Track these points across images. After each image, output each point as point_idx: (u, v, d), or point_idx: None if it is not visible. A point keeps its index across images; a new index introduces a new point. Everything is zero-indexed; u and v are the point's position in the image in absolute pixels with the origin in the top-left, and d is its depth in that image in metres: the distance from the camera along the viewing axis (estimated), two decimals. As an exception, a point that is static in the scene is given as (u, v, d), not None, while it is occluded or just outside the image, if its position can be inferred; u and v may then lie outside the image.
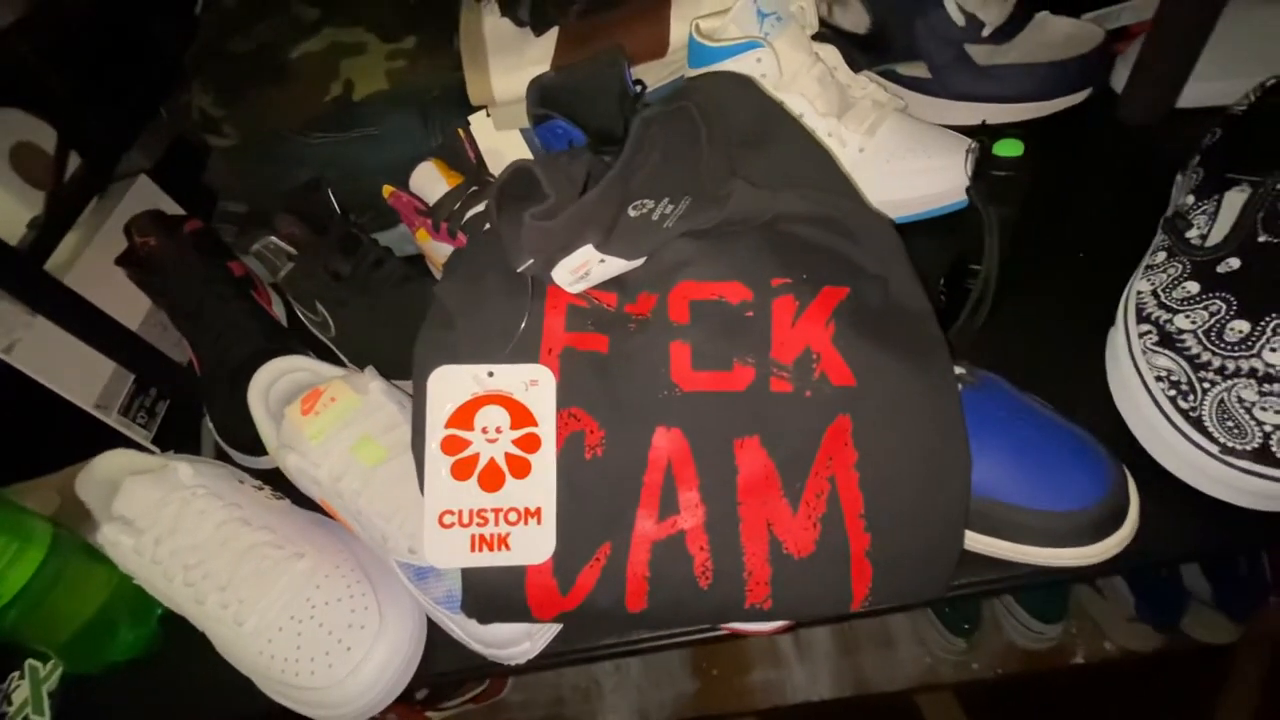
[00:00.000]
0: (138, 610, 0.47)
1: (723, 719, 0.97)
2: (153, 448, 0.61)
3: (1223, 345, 0.37)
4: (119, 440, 0.59)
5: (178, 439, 0.62)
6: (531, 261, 0.33)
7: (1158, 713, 0.86)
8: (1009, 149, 0.38)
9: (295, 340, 0.61)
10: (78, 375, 0.57)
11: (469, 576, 0.34)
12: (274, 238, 0.57)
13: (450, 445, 0.34)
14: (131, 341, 0.60)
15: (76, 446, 0.57)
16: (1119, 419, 0.41)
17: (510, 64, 0.59)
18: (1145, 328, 0.40)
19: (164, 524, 0.41)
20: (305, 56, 0.59)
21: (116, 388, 0.60)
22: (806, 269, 0.35)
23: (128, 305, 0.62)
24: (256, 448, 0.55)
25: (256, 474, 0.50)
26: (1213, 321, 0.38)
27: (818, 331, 0.34)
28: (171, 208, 0.69)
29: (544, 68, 0.58)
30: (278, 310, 0.67)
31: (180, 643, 0.45)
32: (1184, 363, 0.37)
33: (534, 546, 0.33)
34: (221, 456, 0.58)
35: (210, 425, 0.59)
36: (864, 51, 0.62)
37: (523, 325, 0.35)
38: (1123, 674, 0.88)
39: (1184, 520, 0.37)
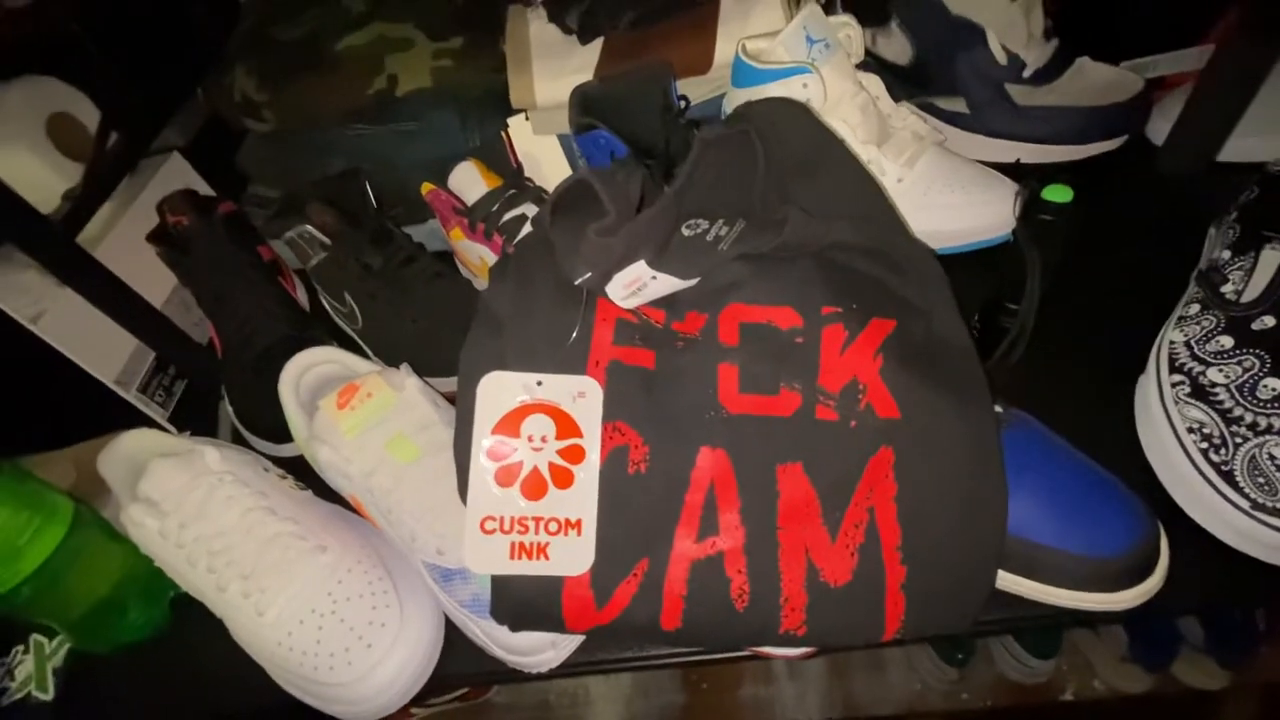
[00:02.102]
0: (150, 591, 0.47)
1: (714, 735, 0.97)
2: (169, 427, 0.60)
3: (1255, 401, 0.37)
4: (134, 416, 0.59)
5: (194, 420, 0.61)
6: (589, 275, 0.34)
7: (1142, 754, 0.87)
8: (1058, 195, 0.38)
9: (321, 329, 0.61)
10: (100, 350, 0.57)
11: (502, 583, 0.34)
12: (309, 226, 0.57)
13: (495, 452, 0.34)
14: (155, 319, 0.60)
15: (92, 421, 0.57)
16: (1145, 465, 0.41)
17: (554, 70, 0.60)
18: (1178, 378, 0.41)
19: (190, 508, 0.41)
20: (351, 49, 0.60)
21: (136, 365, 0.60)
22: (856, 299, 0.36)
23: (152, 283, 0.61)
24: (277, 435, 0.55)
25: (275, 462, 0.50)
26: (1246, 377, 0.38)
27: (865, 363, 0.34)
28: (202, 187, 0.69)
29: (587, 76, 0.59)
30: (301, 297, 0.67)
31: (191, 627, 0.45)
32: (1217, 416, 0.38)
33: (573, 557, 0.33)
34: (237, 440, 0.58)
35: (229, 409, 0.59)
36: (904, 83, 0.63)
37: (573, 336, 0.35)
38: (1111, 713, 0.89)
39: (1207, 571, 0.37)
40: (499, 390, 0.34)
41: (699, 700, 0.99)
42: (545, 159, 0.64)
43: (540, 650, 0.37)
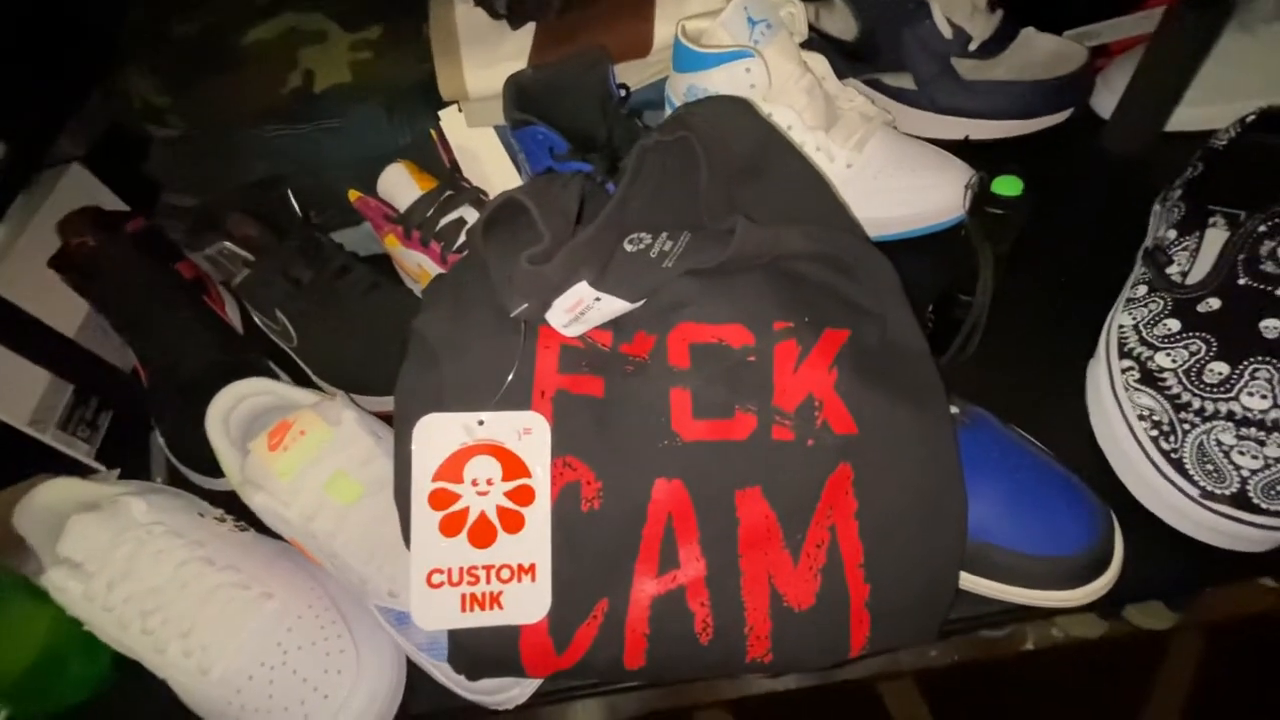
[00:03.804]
0: (89, 649, 0.44)
1: (692, 710, 0.98)
2: (96, 464, 0.56)
3: (1202, 386, 0.38)
4: (57, 455, 0.55)
5: (125, 453, 0.58)
6: (526, 306, 0.32)
7: (1102, 693, 0.92)
8: (1008, 188, 0.37)
9: (253, 350, 0.57)
10: (8, 389, 0.52)
11: (457, 635, 0.33)
12: (228, 243, 0.53)
13: (438, 499, 0.32)
14: (68, 350, 0.55)
15: (10, 464, 0.53)
16: (1098, 451, 0.42)
17: (485, 58, 0.56)
18: (1127, 364, 0.41)
19: (117, 567, 0.38)
20: (260, 43, 0.55)
21: (53, 400, 0.55)
22: (808, 310, 0.34)
23: (63, 307, 0.57)
24: (214, 469, 0.52)
25: (216, 496, 0.47)
26: (1193, 361, 0.38)
27: (820, 378, 0.33)
28: (108, 199, 0.64)
29: (520, 63, 0.55)
30: (232, 314, 0.63)
31: (139, 681, 0.42)
32: (1165, 402, 0.38)
33: (528, 605, 0.32)
34: (172, 474, 0.55)
35: (161, 441, 0.55)
36: (850, 59, 0.61)
37: (515, 367, 0.33)
38: (1070, 658, 0.93)
39: (1161, 558, 0.38)
40: (437, 433, 0.32)
41: (678, 678, 1.01)
42: (483, 153, 0.60)
43: (505, 689, 0.36)
